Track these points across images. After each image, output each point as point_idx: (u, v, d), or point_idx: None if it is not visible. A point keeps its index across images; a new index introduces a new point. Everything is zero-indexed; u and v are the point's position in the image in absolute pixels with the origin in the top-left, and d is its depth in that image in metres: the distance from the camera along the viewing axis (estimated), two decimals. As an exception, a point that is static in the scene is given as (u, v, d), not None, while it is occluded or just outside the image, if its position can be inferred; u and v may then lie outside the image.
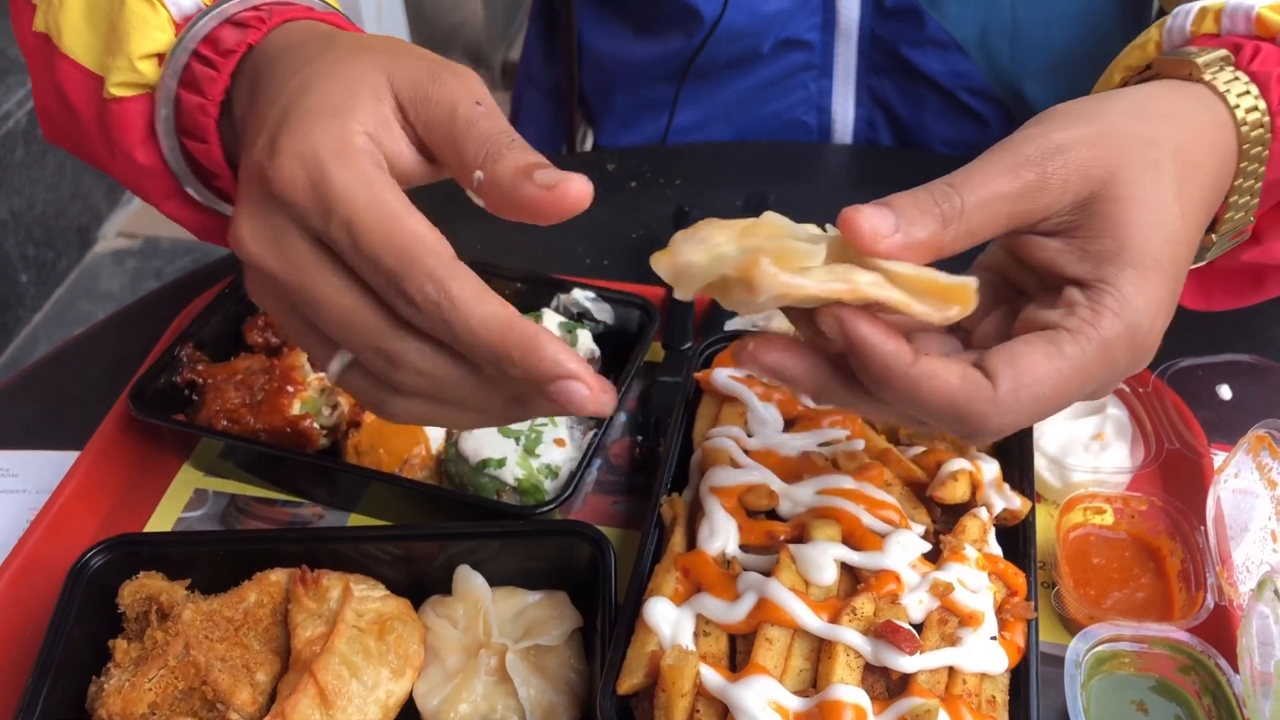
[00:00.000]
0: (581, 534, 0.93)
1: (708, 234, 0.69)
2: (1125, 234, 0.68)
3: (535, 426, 1.01)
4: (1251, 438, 0.93)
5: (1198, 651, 0.89)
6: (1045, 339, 0.67)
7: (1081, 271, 0.69)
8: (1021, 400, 0.65)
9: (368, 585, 0.93)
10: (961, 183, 0.67)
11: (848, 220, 0.64)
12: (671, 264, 0.69)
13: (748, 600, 0.81)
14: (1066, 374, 0.66)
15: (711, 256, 0.68)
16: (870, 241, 0.64)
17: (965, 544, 0.86)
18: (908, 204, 0.66)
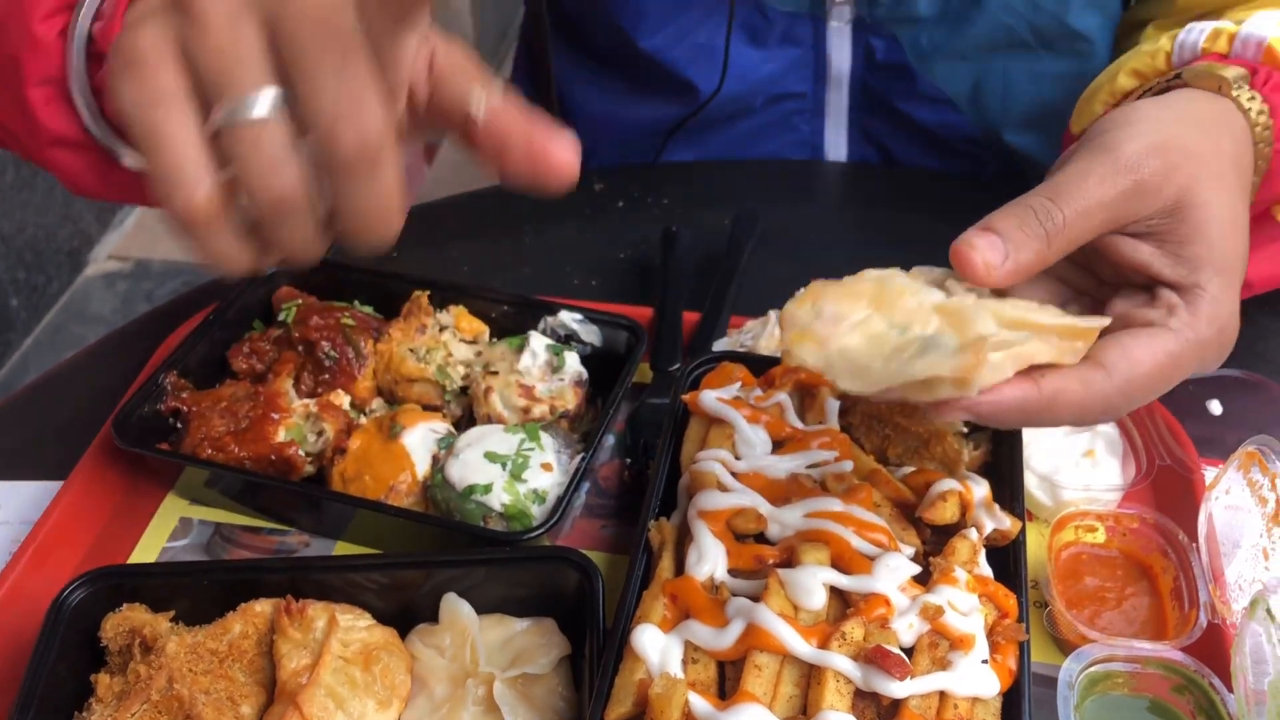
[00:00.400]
0: (569, 560, 0.92)
1: (836, 307, 0.70)
2: (1212, 240, 0.73)
3: (521, 451, 1.00)
4: (1242, 454, 0.93)
5: (1191, 671, 0.89)
6: (1151, 335, 0.71)
7: (1178, 276, 0.73)
8: (1132, 389, 0.70)
9: (353, 615, 0.92)
10: (1060, 194, 0.70)
11: (959, 255, 0.69)
12: (822, 352, 0.69)
13: (736, 626, 0.81)
14: (1167, 368, 0.72)
15: (867, 338, 0.69)
16: (984, 275, 0.69)
17: (955, 566, 0.85)
18: (1013, 228, 0.70)
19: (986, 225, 0.72)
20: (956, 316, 0.69)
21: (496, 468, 0.99)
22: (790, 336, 0.71)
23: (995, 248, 0.70)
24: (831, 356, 0.69)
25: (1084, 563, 1.00)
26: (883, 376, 0.68)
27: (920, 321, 0.69)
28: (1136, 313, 0.73)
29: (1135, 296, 0.76)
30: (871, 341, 0.69)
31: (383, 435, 1.05)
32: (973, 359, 0.66)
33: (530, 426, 1.03)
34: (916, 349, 0.68)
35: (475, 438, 1.02)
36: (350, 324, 1.14)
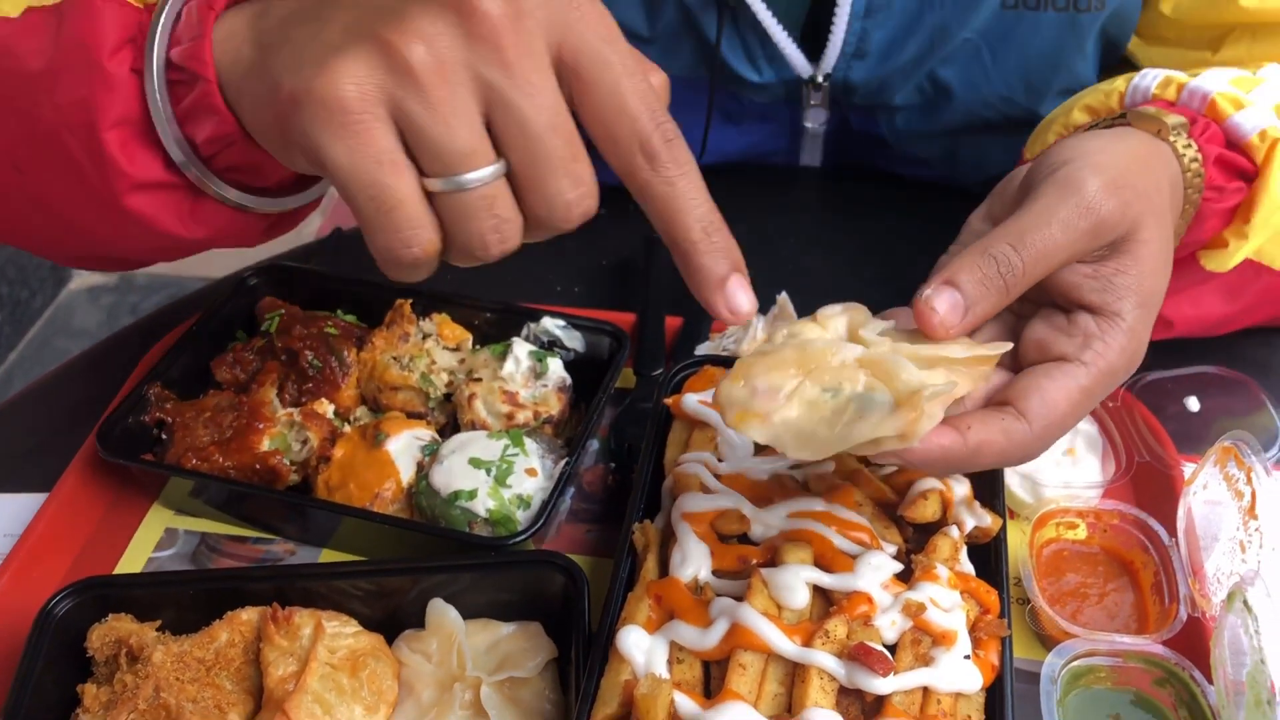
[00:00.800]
0: (554, 564, 0.93)
1: (768, 380, 0.74)
2: (1144, 273, 0.77)
3: (506, 456, 1.01)
4: (1219, 449, 0.94)
5: (1172, 664, 0.89)
6: (1066, 374, 0.75)
7: (1102, 301, 0.76)
8: (1050, 432, 0.74)
9: (340, 622, 0.92)
10: (1023, 241, 0.74)
11: (920, 315, 0.74)
12: (767, 429, 0.73)
13: (720, 626, 0.81)
14: (1081, 403, 0.75)
15: (805, 406, 0.73)
16: (942, 333, 0.74)
17: (937, 563, 0.86)
18: (975, 283, 0.73)
19: (949, 278, 0.74)
20: (880, 369, 0.73)
21: (481, 473, 0.99)
22: (733, 417, 0.74)
23: (955, 307, 0.74)
24: (777, 430, 0.73)
25: (1065, 559, 1.01)
26: (830, 442, 0.72)
27: (848, 379, 0.73)
28: (1053, 342, 0.76)
29: (1053, 319, 0.78)
30: (810, 409, 0.73)
31: (367, 443, 1.05)
32: (912, 415, 0.70)
33: (514, 432, 1.04)
34: (854, 410, 0.72)
35: (459, 444, 1.02)
36: (333, 333, 1.14)
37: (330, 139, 0.62)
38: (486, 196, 0.64)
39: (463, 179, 0.63)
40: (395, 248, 0.65)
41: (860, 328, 0.78)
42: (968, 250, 0.76)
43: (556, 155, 0.64)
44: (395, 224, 0.63)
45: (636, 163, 0.65)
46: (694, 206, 0.66)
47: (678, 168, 0.65)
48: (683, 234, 0.67)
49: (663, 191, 0.66)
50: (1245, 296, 1.08)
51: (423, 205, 0.64)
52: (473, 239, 0.66)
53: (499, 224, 0.65)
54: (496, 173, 0.64)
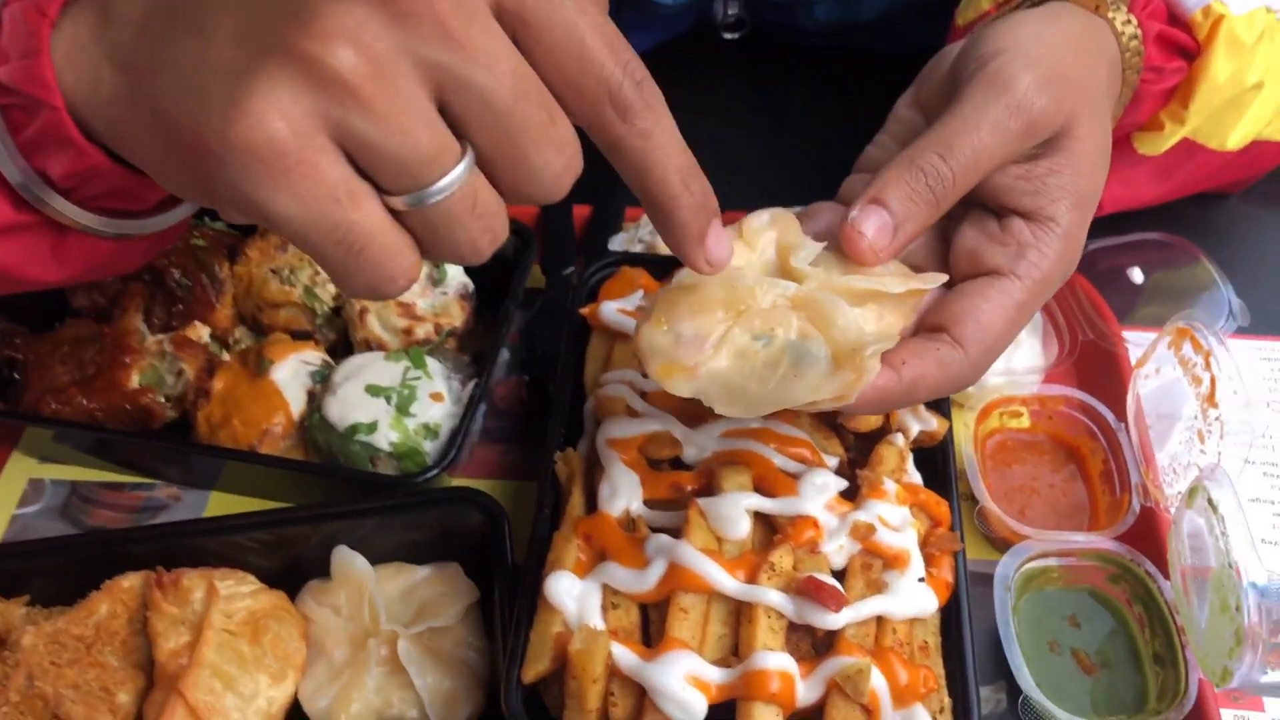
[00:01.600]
0: (470, 501, 0.84)
1: (694, 325, 0.66)
2: (1080, 172, 0.70)
3: (407, 381, 0.91)
4: (1172, 330, 0.88)
5: (1127, 560, 0.86)
6: (1001, 291, 0.69)
7: (1034, 206, 0.70)
8: (987, 356, 0.69)
9: (235, 580, 0.83)
10: (951, 148, 0.68)
11: (848, 239, 0.68)
12: (693, 383, 0.65)
13: (657, 567, 0.74)
14: (1017, 320, 0.70)
15: (734, 356, 0.66)
16: (871, 257, 0.68)
17: (883, 477, 0.79)
18: (903, 199, 0.68)
19: (875, 197, 0.68)
20: (815, 311, 0.67)
21: (380, 402, 0.90)
22: (657, 370, 0.66)
23: (884, 228, 0.68)
24: (704, 384, 0.65)
25: (1011, 450, 0.96)
26: (762, 399, 0.65)
27: (781, 323, 0.66)
28: (985, 252, 0.71)
29: (984, 225, 0.72)
30: (739, 359, 0.66)
31: (249, 372, 0.94)
32: (854, 377, 0.63)
33: (415, 351, 0.94)
34: (789, 363, 0.65)
35: (354, 369, 0.92)
36: (201, 244, 1.02)
37: (271, 191, 0.51)
38: (465, 199, 0.54)
39: (433, 190, 0.53)
40: (377, 286, 0.55)
41: (791, 253, 0.69)
42: (893, 163, 0.69)
43: (533, 125, 0.54)
44: (371, 263, 0.54)
45: (606, 117, 0.55)
46: (671, 156, 0.58)
47: (652, 115, 0.56)
48: (660, 189, 0.59)
49: (637, 146, 0.57)
50: (1177, 176, 1.03)
51: (396, 230, 0.54)
52: (462, 247, 0.56)
53: (487, 223, 0.56)
54: (468, 167, 0.54)
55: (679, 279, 0.69)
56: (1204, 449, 0.84)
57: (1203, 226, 1.11)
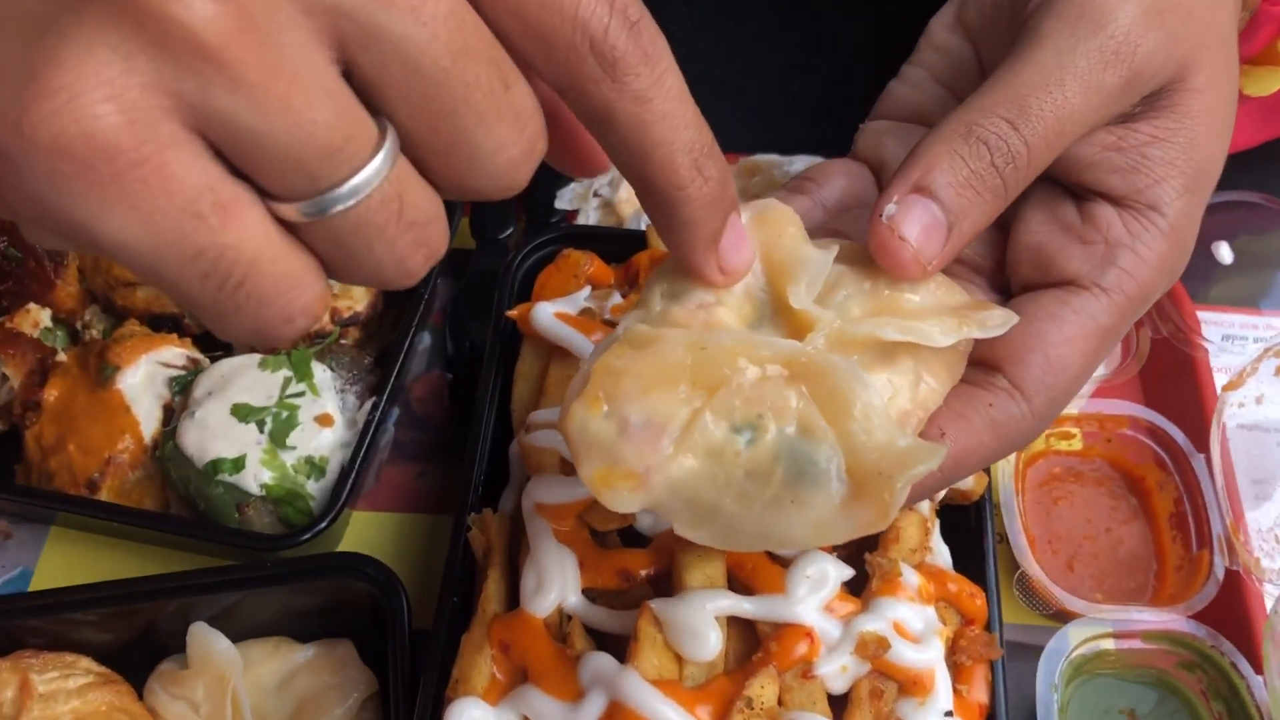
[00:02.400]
0: (357, 570, 0.65)
1: (645, 409, 0.45)
2: (1196, 139, 0.51)
3: (286, 399, 0.70)
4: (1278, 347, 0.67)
5: (1206, 645, 0.67)
6: (1079, 312, 0.50)
7: (1127, 188, 0.50)
8: (1055, 406, 0.50)
9: (60, 670, 0.65)
10: (1025, 107, 0.48)
11: (885, 249, 0.48)
12: (644, 496, 0.45)
13: (595, 702, 0.55)
14: (1099, 352, 0.51)
15: (703, 456, 0.45)
16: (917, 271, 0.48)
17: (900, 564, 0.60)
18: (959, 186, 0.48)
19: (921, 183, 0.48)
20: (820, 386, 0.45)
21: (250, 429, 0.69)
22: (593, 476, 0.45)
23: (934, 230, 0.48)
24: (660, 497, 0.45)
25: (1058, 481, 0.76)
26: (743, 528, 0.45)
27: (772, 406, 0.45)
28: (1059, 253, 0.51)
29: (1056, 209, 0.52)
30: (711, 461, 0.45)
31: (91, 379, 0.74)
32: (874, 516, 0.44)
33: (298, 356, 0.73)
34: (783, 476, 0.45)
35: (219, 381, 0.72)
36: (36, 203, 0.79)
37: (98, 208, 0.35)
38: (387, 202, 0.37)
39: (339, 193, 0.36)
40: (267, 330, 0.38)
41: (789, 281, 0.47)
42: (941, 131, 0.48)
43: (479, 92, 0.37)
44: (256, 300, 0.38)
45: (586, 74, 0.39)
46: (678, 129, 0.42)
47: (651, 71, 0.40)
48: (664, 175, 0.42)
49: (632, 113, 0.40)
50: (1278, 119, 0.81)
51: (290, 251, 0.38)
52: (385, 268, 0.39)
53: (419, 233, 0.39)
54: (389, 157, 0.37)
55: (625, 327, 0.48)
56: (1321, 519, 0.64)
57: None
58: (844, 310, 0.47)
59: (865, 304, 0.48)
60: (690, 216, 0.44)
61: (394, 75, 0.36)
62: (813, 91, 1.00)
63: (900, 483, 0.43)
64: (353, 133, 0.36)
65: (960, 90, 0.58)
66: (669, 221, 0.45)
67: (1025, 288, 0.51)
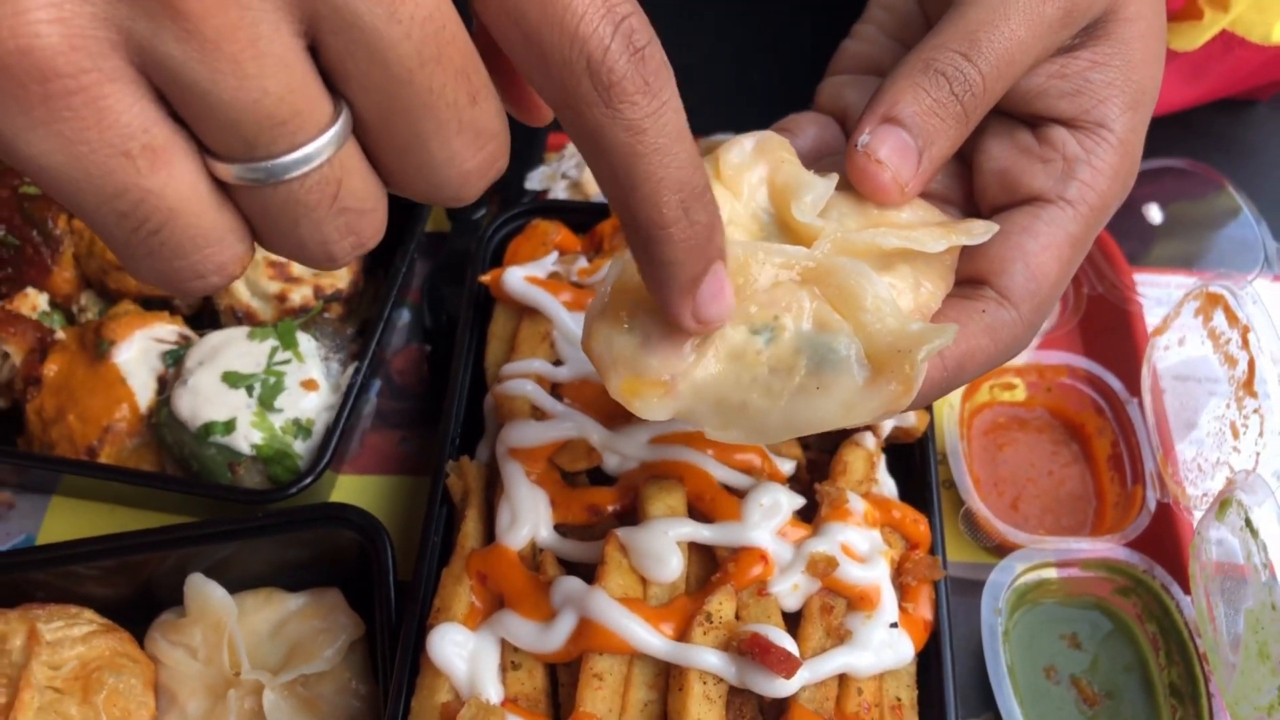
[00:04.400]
0: (344, 520, 0.69)
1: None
2: (1133, 61, 0.55)
3: (273, 366, 0.75)
4: (1200, 294, 0.72)
5: (1139, 571, 0.72)
6: (1049, 223, 0.54)
7: (1075, 110, 0.54)
8: (1041, 310, 0.54)
9: (65, 620, 0.69)
10: (976, 43, 0.52)
11: (863, 174, 0.51)
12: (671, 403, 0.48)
13: (566, 620, 0.60)
14: (1072, 260, 0.55)
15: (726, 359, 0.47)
16: (895, 193, 0.51)
17: (848, 492, 0.65)
18: (924, 115, 0.51)
19: (889, 114, 0.51)
20: (833, 286, 0.48)
21: (240, 394, 0.74)
22: (620, 386, 0.47)
23: (906, 152, 0.51)
24: (688, 403, 0.48)
25: (1003, 429, 0.81)
26: (774, 420, 0.48)
27: (788, 307, 0.48)
28: (1023, 173, 0.55)
29: (1015, 137, 0.56)
30: (735, 364, 0.48)
31: (88, 354, 0.78)
32: (900, 389, 0.46)
33: (284, 326, 0.77)
34: (806, 369, 0.47)
35: (209, 352, 0.76)
36: (33, 193, 0.84)
37: (22, 129, 0.35)
38: (324, 184, 0.38)
39: (278, 163, 0.36)
40: (176, 280, 0.39)
41: (791, 199, 0.51)
42: (902, 68, 0.52)
43: (442, 102, 0.37)
44: (170, 249, 0.38)
45: (581, 95, 0.39)
46: (670, 166, 0.41)
47: (648, 101, 0.39)
48: (648, 211, 0.42)
49: (623, 142, 0.40)
50: (1209, 77, 0.87)
51: (215, 209, 0.38)
52: (308, 247, 0.40)
53: (350, 221, 0.39)
54: (336, 140, 0.37)
55: None
56: (1238, 446, 0.69)
57: (1228, 145, 0.95)
58: (842, 224, 0.51)
59: (860, 220, 0.52)
60: (670, 257, 0.44)
61: (358, 65, 0.36)
62: (768, 80, 1.05)
63: (920, 355, 0.46)
64: (301, 109, 0.36)
65: (910, 41, 0.62)
66: (648, 259, 0.44)
67: (995, 210, 0.55)
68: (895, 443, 0.71)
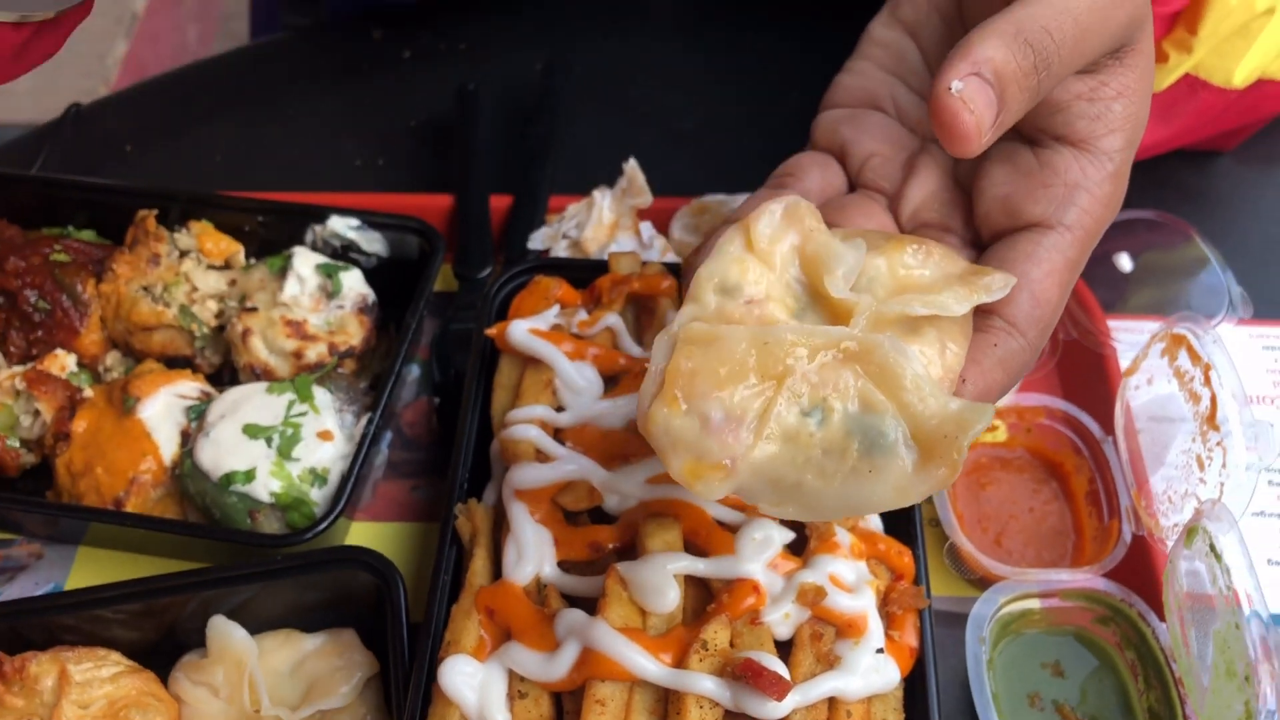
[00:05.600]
0: (359, 562, 0.73)
1: (722, 402, 0.51)
2: (1143, 95, 0.58)
3: (290, 418, 0.79)
4: (1165, 335, 0.77)
5: (1117, 600, 0.75)
6: (1050, 249, 0.57)
7: (1090, 133, 0.57)
8: (1045, 334, 0.58)
9: (94, 661, 0.72)
10: (1059, 25, 0.53)
11: (948, 112, 0.52)
12: (732, 482, 0.51)
13: (570, 650, 0.63)
14: (1069, 283, 0.58)
15: (781, 441, 0.51)
16: (975, 139, 0.52)
17: (835, 526, 0.68)
18: (1011, 76, 0.52)
19: (978, 59, 0.52)
20: (873, 365, 0.52)
21: (259, 445, 0.78)
22: (683, 470, 0.51)
23: (988, 100, 0.52)
24: (748, 483, 0.51)
25: (985, 469, 0.85)
26: (829, 499, 0.51)
27: (834, 387, 0.52)
28: (1024, 198, 0.58)
29: (1016, 159, 0.59)
30: (789, 445, 0.51)
31: (115, 410, 0.82)
32: (947, 473, 0.50)
33: (300, 381, 0.82)
34: (858, 451, 0.51)
35: (229, 406, 0.80)
36: (63, 260, 0.89)
37: None
38: None
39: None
40: None
41: (825, 272, 0.54)
42: (990, 28, 0.53)
43: None
44: None
45: None
46: None
47: None
48: None
49: None
50: (1180, 118, 0.92)
51: None
52: None
53: None
54: None
55: (682, 323, 0.53)
56: (1203, 477, 0.73)
57: (1195, 197, 1.00)
58: (873, 290, 0.54)
59: (888, 284, 0.55)
60: None
61: None
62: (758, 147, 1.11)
63: (965, 441, 0.49)
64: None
65: (905, 76, 0.65)
66: None
67: (997, 235, 0.58)
68: (880, 480, 0.74)
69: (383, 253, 0.92)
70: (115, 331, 0.89)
